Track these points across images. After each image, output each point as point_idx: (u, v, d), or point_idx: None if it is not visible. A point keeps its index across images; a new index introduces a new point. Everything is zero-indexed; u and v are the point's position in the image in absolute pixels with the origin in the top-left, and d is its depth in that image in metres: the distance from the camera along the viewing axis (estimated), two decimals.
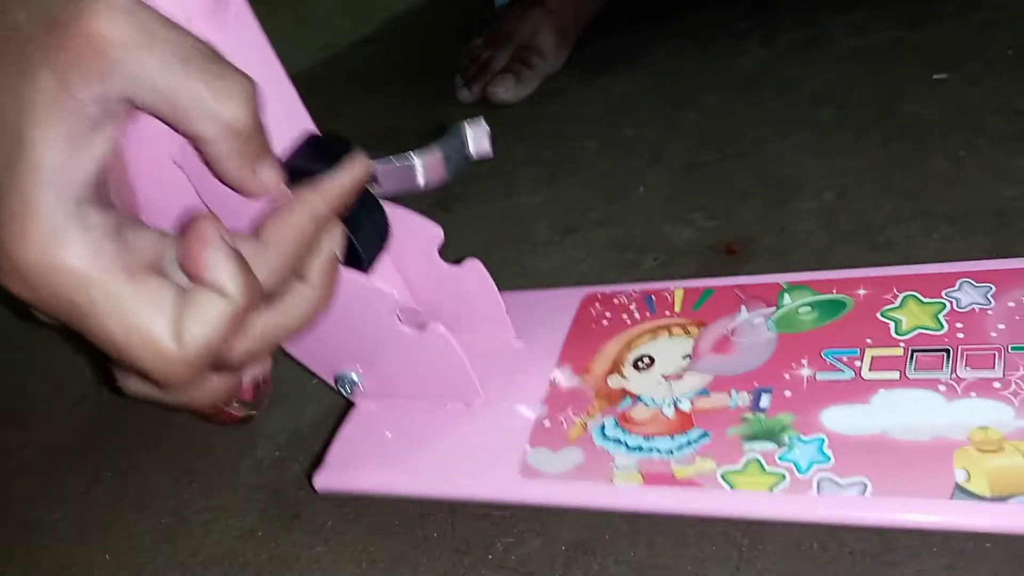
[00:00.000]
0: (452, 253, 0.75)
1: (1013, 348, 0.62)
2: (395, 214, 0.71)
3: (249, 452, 0.84)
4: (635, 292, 0.79)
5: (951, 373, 0.62)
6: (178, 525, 0.78)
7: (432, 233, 0.72)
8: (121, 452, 0.89)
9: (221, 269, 0.47)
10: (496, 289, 0.76)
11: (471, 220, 1.12)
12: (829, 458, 0.59)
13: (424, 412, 0.75)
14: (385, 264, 0.73)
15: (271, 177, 0.55)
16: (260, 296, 0.51)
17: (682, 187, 1.04)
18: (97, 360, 0.80)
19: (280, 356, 0.73)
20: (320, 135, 0.66)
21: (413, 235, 0.73)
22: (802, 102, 1.15)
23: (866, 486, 0.57)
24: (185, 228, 0.50)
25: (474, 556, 0.67)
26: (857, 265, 0.74)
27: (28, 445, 0.95)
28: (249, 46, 0.61)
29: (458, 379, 0.72)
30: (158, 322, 0.45)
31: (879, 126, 1.03)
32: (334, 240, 0.59)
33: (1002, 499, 0.53)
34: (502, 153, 1.19)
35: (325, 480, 0.73)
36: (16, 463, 0.93)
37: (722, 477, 0.61)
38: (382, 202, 0.68)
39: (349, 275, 0.65)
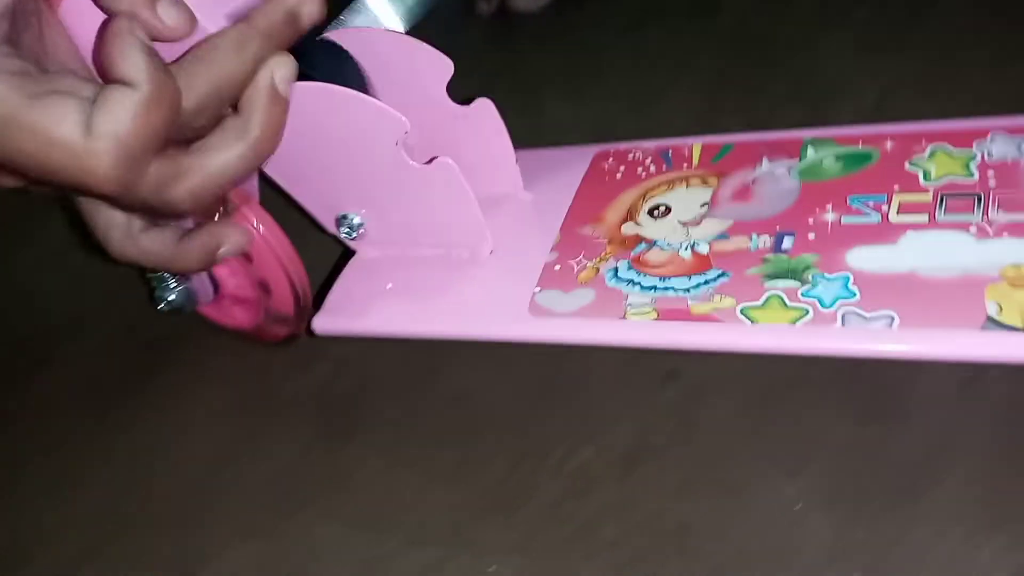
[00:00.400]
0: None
1: None
2: (402, 43, 0.68)
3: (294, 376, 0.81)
4: (651, 147, 0.76)
5: (982, 216, 0.59)
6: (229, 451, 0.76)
7: (442, 66, 0.69)
8: (174, 377, 0.85)
9: (129, 58, 0.47)
10: (506, 133, 0.72)
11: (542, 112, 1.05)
12: (855, 294, 0.57)
13: (428, 259, 0.72)
14: (391, 95, 0.69)
15: (172, 15, 0.52)
16: (175, 95, 0.49)
17: (715, 96, 0.99)
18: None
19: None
20: None
21: (421, 67, 0.69)
22: (837, 0, 1.08)
23: (893, 319, 0.54)
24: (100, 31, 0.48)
25: (530, 465, 0.65)
26: None
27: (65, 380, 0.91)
28: None
29: (465, 221, 0.69)
30: (66, 124, 0.45)
31: (918, 22, 0.98)
32: (278, 73, 0.56)
33: None
34: (525, 66, 1.15)
35: (325, 323, 0.71)
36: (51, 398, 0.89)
37: (742, 312, 0.58)
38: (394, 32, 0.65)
39: (356, 96, 0.61)
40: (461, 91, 0.73)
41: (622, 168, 0.75)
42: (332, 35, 0.69)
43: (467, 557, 0.60)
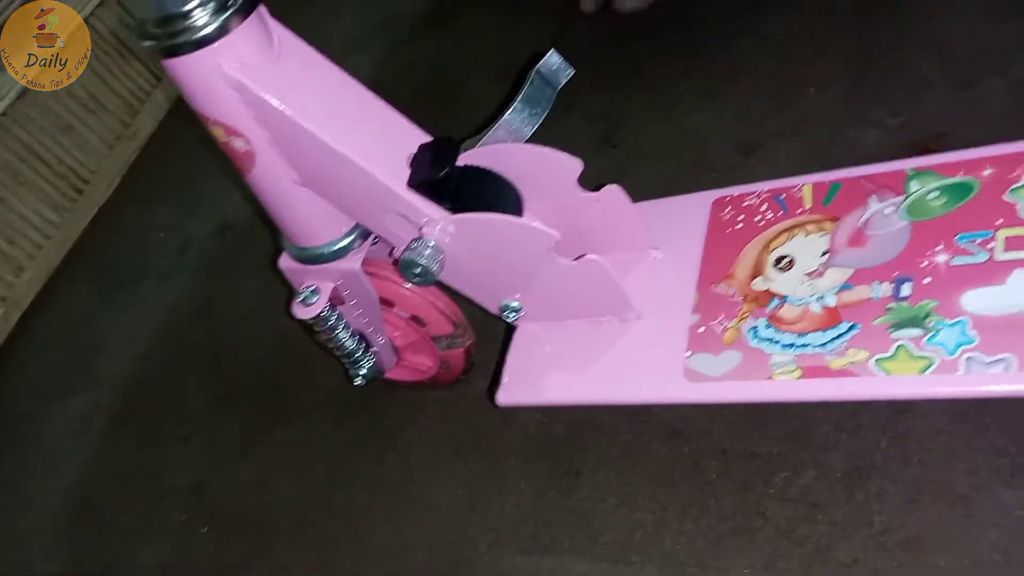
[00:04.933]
0: (632, 193, 0.77)
1: None
2: (535, 153, 0.78)
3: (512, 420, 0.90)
4: (764, 192, 0.84)
5: None
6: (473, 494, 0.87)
7: (571, 165, 0.78)
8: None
9: None
10: (635, 209, 0.82)
11: (641, 152, 1.06)
12: (973, 339, 0.65)
13: (582, 329, 0.83)
14: (535, 198, 0.79)
15: None
16: None
17: (855, 81, 0.97)
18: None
19: None
20: (429, 141, 0.76)
21: (555, 170, 0.79)
22: None
23: (1011, 362, 0.63)
24: None
25: (757, 492, 0.73)
26: None
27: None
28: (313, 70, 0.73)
29: (612, 298, 0.79)
30: None
31: None
32: None
33: None
34: (651, 69, 1.15)
35: (506, 397, 0.83)
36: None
37: (875, 364, 0.68)
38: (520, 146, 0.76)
39: (510, 220, 0.73)
40: (593, 104, 0.75)
41: (741, 217, 0.83)
42: (478, 157, 0.79)
43: None
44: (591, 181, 0.81)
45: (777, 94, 1.02)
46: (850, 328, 0.71)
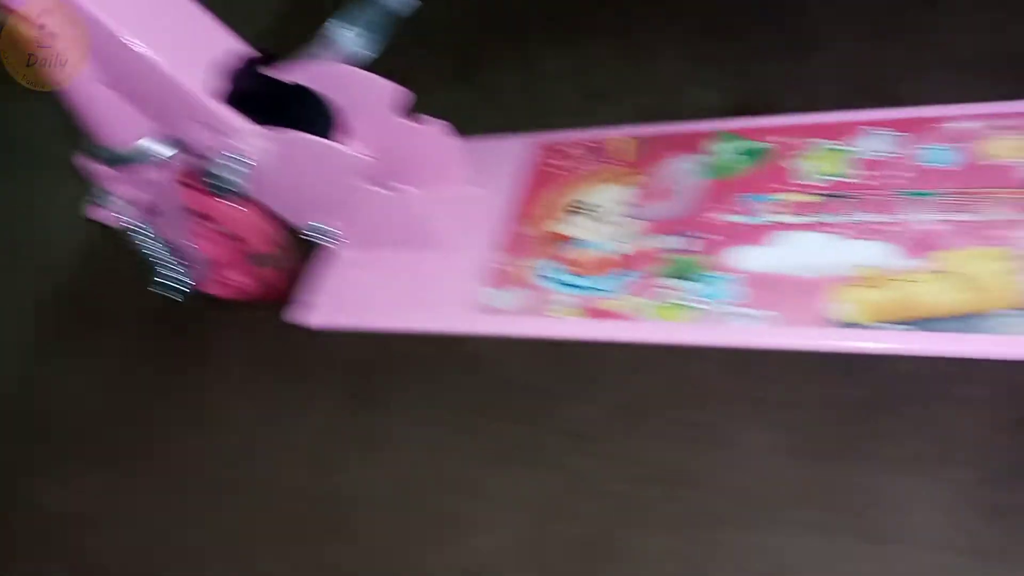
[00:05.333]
0: (481, 130, 0.78)
1: (903, 193, 0.70)
2: (362, 79, 0.78)
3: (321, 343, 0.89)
4: (586, 139, 0.86)
5: (848, 216, 0.70)
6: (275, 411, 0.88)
7: (395, 95, 0.79)
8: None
9: None
10: (456, 145, 0.83)
11: (493, 91, 1.08)
12: (737, 294, 0.69)
13: (391, 258, 0.84)
14: (359, 123, 0.80)
15: None
16: None
17: (704, 44, 1.01)
18: None
19: None
20: (247, 52, 0.74)
21: (379, 97, 0.79)
22: None
23: (764, 317, 0.67)
24: None
25: (538, 424, 0.75)
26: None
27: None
28: None
29: (421, 231, 0.81)
30: None
31: None
32: None
33: (879, 326, 0.64)
34: (514, 13, 1.16)
35: (315, 319, 0.84)
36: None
37: (649, 310, 0.71)
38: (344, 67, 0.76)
39: (321, 140, 0.73)
40: (452, 40, 0.77)
41: (558, 162, 0.85)
42: (307, 72, 0.78)
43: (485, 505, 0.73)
44: (439, 115, 0.81)
45: (629, 50, 1.06)
46: (632, 275, 0.74)
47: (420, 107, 0.83)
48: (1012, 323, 0.62)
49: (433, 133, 0.81)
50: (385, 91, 0.78)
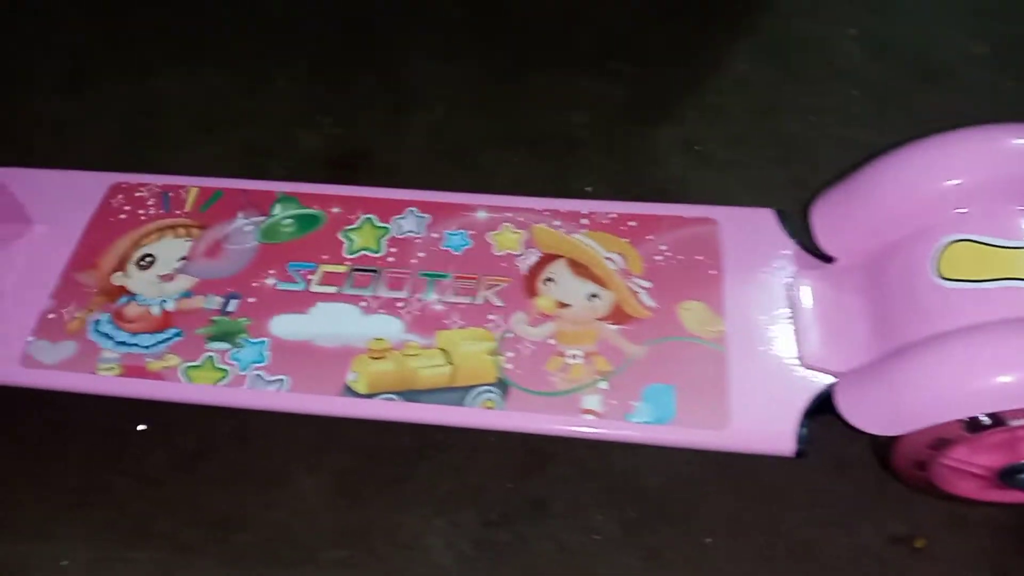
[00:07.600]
0: (79, 146, 0.76)
1: (421, 274, 0.81)
2: None
3: None
4: (156, 186, 0.89)
5: (373, 291, 0.81)
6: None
7: None
8: None
9: None
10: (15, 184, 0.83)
11: (103, 106, 1.07)
12: (265, 358, 0.77)
13: None
14: None
15: None
16: None
17: (315, 86, 1.07)
18: None
19: None
20: None
21: None
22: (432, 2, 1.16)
23: (284, 382, 0.75)
24: None
25: (108, 465, 0.79)
26: (455, 185, 0.88)
27: None
28: None
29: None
30: None
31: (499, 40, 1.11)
32: None
33: (372, 396, 0.74)
34: (136, 22, 1.12)
35: None
36: None
37: (183, 371, 0.77)
38: None
39: None
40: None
41: (128, 207, 0.88)
42: None
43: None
44: (37, 130, 0.80)
45: (249, 76, 1.09)
46: (176, 334, 0.79)
47: (23, 118, 0.80)
48: (486, 397, 0.75)
49: None
50: None
